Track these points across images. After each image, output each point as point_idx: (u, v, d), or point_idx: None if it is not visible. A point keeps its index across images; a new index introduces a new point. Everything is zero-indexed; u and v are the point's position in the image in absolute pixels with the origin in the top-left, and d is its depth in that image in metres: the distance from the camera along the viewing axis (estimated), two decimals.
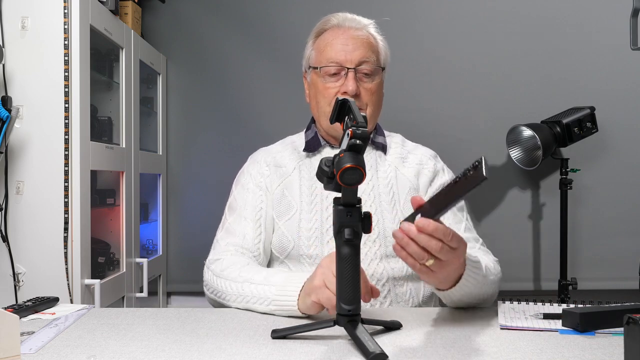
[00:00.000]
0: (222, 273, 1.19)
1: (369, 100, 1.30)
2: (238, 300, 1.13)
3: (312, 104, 1.37)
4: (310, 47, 1.36)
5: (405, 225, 0.89)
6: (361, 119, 0.85)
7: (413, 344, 0.89)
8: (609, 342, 0.88)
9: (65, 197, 1.77)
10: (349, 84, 1.26)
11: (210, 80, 2.68)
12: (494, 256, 1.26)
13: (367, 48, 1.29)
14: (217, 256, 1.26)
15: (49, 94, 1.77)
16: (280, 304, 1.05)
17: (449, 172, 1.39)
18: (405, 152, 1.38)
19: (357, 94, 1.27)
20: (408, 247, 0.90)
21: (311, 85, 1.36)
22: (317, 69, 1.31)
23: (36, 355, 0.84)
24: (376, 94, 1.32)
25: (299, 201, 1.30)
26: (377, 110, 1.34)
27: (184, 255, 2.70)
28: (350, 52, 1.28)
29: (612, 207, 2.53)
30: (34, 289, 1.74)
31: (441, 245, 0.89)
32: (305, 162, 1.35)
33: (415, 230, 0.88)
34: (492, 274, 1.13)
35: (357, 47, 1.28)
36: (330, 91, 1.29)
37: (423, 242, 0.88)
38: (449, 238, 0.89)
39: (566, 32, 2.55)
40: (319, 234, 1.26)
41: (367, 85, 1.29)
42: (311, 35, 1.37)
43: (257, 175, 1.35)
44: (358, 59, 1.28)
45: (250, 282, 1.12)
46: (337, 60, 1.28)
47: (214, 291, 1.20)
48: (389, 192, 1.30)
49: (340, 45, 1.29)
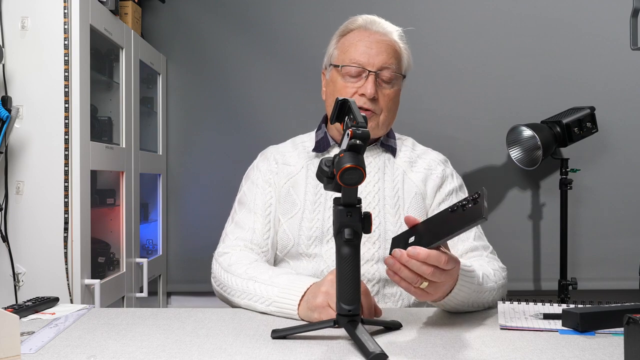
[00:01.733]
0: (229, 268, 1.20)
1: (385, 106, 1.31)
2: (242, 296, 1.13)
3: (327, 102, 1.38)
4: (334, 45, 1.37)
5: (397, 252, 0.90)
6: (361, 119, 0.85)
7: (413, 344, 0.89)
8: (609, 342, 0.88)
9: (65, 197, 1.77)
10: (368, 86, 1.27)
11: (210, 80, 2.68)
12: (502, 264, 1.26)
13: (391, 54, 1.30)
14: (226, 250, 1.27)
15: (49, 94, 1.77)
16: (280, 306, 1.06)
17: (458, 178, 1.40)
18: (415, 157, 1.38)
19: (375, 97, 1.28)
20: (400, 273, 0.91)
21: (329, 83, 1.36)
22: (338, 67, 1.32)
23: (36, 355, 0.84)
24: (393, 100, 1.32)
25: (303, 200, 1.30)
26: (391, 117, 1.35)
27: (184, 255, 2.70)
28: (374, 55, 1.29)
29: (612, 207, 2.53)
30: (34, 289, 1.74)
31: (433, 269, 0.90)
32: (314, 162, 1.35)
33: (407, 257, 0.89)
34: (492, 281, 1.13)
35: (381, 52, 1.29)
36: (348, 90, 1.30)
37: (415, 268, 0.89)
38: (443, 263, 0.90)
39: (566, 32, 2.55)
40: (319, 233, 1.26)
41: (386, 91, 1.30)
42: (336, 34, 1.38)
43: (267, 172, 1.36)
44: (380, 63, 1.29)
45: (255, 280, 1.13)
46: (360, 62, 1.29)
47: (220, 284, 1.21)
48: (394, 195, 1.30)
49: (364, 48, 1.30)
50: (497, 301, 1.14)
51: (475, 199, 0.87)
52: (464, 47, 2.58)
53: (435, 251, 0.89)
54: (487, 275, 1.12)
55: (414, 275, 0.90)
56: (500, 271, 1.21)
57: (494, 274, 1.16)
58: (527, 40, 2.56)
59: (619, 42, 2.41)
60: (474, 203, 0.87)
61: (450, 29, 2.59)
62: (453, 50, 2.59)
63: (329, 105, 1.37)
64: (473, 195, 0.89)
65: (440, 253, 0.90)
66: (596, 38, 2.53)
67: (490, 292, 1.12)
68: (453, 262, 0.93)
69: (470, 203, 0.88)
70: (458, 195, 1.35)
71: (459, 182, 1.39)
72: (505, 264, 1.27)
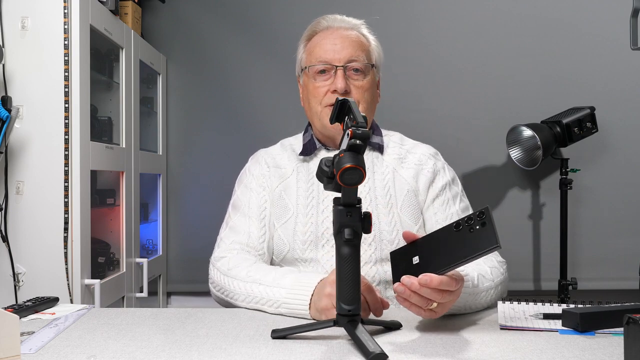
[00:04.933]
0: (229, 272, 1.19)
1: (360, 97, 1.28)
2: (247, 300, 1.13)
3: (305, 107, 1.37)
4: (302, 49, 1.37)
5: (406, 280, 0.90)
6: (361, 119, 0.85)
7: (413, 344, 0.89)
8: (609, 342, 0.88)
9: (65, 197, 1.77)
10: (338, 81, 1.26)
11: (210, 80, 2.68)
12: (500, 258, 1.24)
13: (357, 47, 1.29)
14: (223, 254, 1.26)
15: (49, 94, 1.77)
16: (291, 307, 1.06)
17: (450, 171, 1.37)
18: (404, 152, 1.35)
19: (347, 91, 1.26)
20: (411, 299, 0.91)
21: (303, 88, 1.36)
22: (306, 69, 1.31)
23: (36, 355, 0.84)
24: (368, 91, 1.30)
25: (295, 204, 1.29)
26: (369, 108, 1.31)
27: (184, 255, 2.70)
28: (339, 50, 1.28)
29: (612, 207, 2.53)
30: (34, 289, 1.74)
31: (443, 294, 0.90)
32: (303, 165, 1.34)
33: (418, 285, 0.89)
34: (489, 280, 1.13)
35: (346, 46, 1.28)
36: (320, 90, 1.29)
37: (426, 295, 0.90)
38: (454, 287, 0.90)
39: (566, 32, 2.55)
40: (314, 237, 1.25)
41: (358, 83, 1.28)
42: (302, 39, 1.37)
43: (259, 176, 1.35)
44: (347, 57, 1.27)
45: (259, 283, 1.12)
46: (325, 59, 1.28)
47: (220, 289, 1.20)
48: (386, 194, 1.28)
49: (329, 45, 1.29)
50: (498, 299, 1.14)
51: (482, 219, 0.88)
52: (464, 47, 2.58)
53: (446, 278, 0.89)
54: (482, 275, 1.11)
55: (424, 300, 0.91)
56: (499, 267, 1.19)
57: (491, 272, 1.15)
58: (527, 40, 2.56)
59: (619, 42, 2.41)
60: (481, 225, 0.88)
61: (450, 29, 2.59)
62: (453, 50, 2.58)
63: (306, 110, 1.36)
64: (478, 214, 0.89)
65: (451, 279, 0.90)
66: (596, 38, 2.53)
67: (487, 292, 1.11)
68: (461, 281, 0.94)
69: (478, 224, 0.88)
70: (451, 188, 1.33)
71: (451, 174, 1.36)
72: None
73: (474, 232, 0.88)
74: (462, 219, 0.91)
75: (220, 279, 1.20)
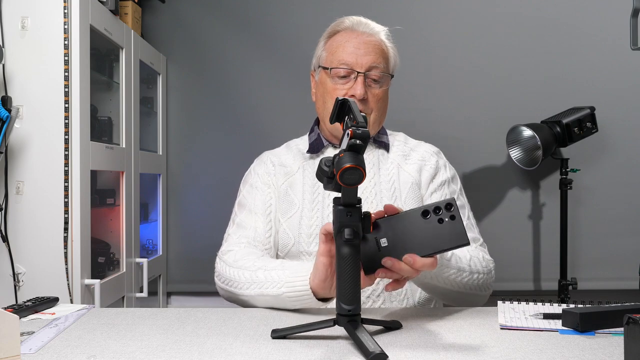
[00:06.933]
0: (235, 263, 1.21)
1: (375, 105, 1.33)
2: (251, 287, 1.14)
3: (318, 103, 1.39)
4: (322, 47, 1.38)
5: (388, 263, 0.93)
6: (361, 119, 0.85)
7: (413, 344, 0.89)
8: (609, 342, 0.88)
9: (65, 197, 1.77)
10: (358, 87, 1.29)
11: (210, 80, 2.68)
12: (489, 256, 1.28)
13: (378, 54, 1.32)
14: (230, 247, 1.29)
15: (49, 94, 1.77)
16: (293, 285, 1.07)
17: (451, 169, 1.42)
18: (408, 150, 1.40)
19: (365, 98, 1.30)
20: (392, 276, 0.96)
21: (319, 85, 1.38)
22: (327, 70, 1.33)
23: (36, 355, 0.84)
24: (382, 100, 1.34)
25: (301, 199, 1.32)
26: (382, 116, 1.37)
27: (184, 255, 2.70)
28: (362, 56, 1.30)
29: (612, 207, 2.53)
30: (34, 289, 1.74)
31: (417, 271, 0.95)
32: (309, 162, 1.38)
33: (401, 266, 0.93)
34: (465, 264, 1.15)
35: (369, 52, 1.30)
36: (338, 92, 1.31)
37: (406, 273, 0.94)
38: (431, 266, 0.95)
39: (566, 32, 2.55)
40: (319, 231, 1.26)
41: (375, 91, 1.32)
42: (324, 36, 1.39)
43: (264, 174, 1.38)
44: (368, 63, 1.30)
45: (264, 268, 1.14)
46: (348, 63, 1.30)
47: (225, 280, 1.22)
48: (391, 187, 1.33)
49: (352, 49, 1.31)
50: (475, 290, 1.16)
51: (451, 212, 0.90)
52: (464, 47, 2.58)
53: (429, 260, 0.93)
54: (459, 257, 1.14)
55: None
56: (482, 260, 1.22)
57: (470, 259, 1.17)
58: (527, 40, 2.56)
59: (619, 42, 2.41)
60: (450, 218, 0.90)
61: (450, 29, 2.59)
62: (453, 51, 2.58)
63: (319, 107, 1.39)
64: (446, 205, 0.91)
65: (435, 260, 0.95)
66: (596, 38, 2.53)
67: (459, 273, 1.13)
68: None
69: (447, 217, 0.90)
70: (450, 186, 1.37)
71: (452, 172, 1.41)
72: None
73: (444, 224, 0.89)
74: (429, 206, 0.92)
75: (226, 270, 1.22)
